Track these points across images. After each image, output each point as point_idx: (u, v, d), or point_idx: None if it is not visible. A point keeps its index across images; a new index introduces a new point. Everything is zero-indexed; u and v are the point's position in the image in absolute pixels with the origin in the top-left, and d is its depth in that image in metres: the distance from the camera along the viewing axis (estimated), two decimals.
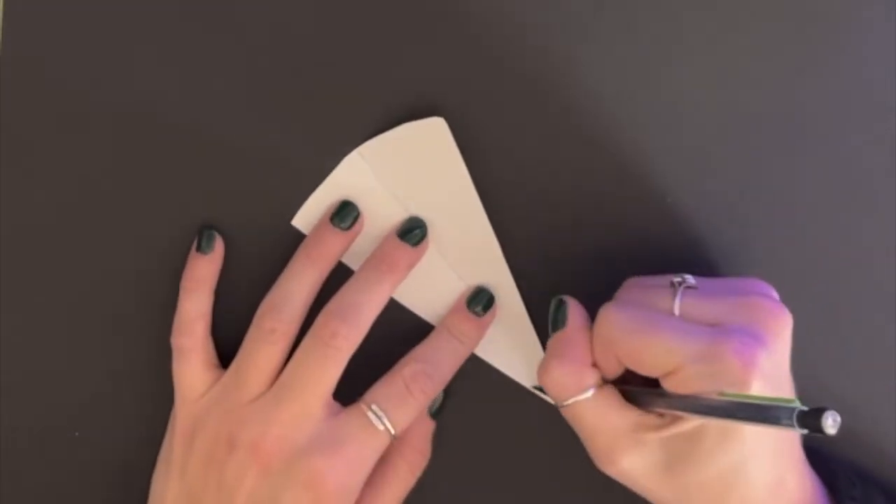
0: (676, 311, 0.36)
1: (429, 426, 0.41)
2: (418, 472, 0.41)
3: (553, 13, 0.41)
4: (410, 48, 0.41)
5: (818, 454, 0.38)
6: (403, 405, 0.38)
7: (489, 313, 0.41)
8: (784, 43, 0.41)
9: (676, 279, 0.36)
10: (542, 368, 0.38)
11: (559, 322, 0.38)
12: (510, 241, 0.41)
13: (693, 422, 0.35)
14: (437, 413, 0.41)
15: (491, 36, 0.41)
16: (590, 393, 0.37)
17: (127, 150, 0.41)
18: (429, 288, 0.41)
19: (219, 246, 0.41)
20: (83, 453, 0.42)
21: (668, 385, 0.35)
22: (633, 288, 0.38)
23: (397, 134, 0.41)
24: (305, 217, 0.41)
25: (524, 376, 0.42)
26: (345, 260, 0.41)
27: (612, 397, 0.37)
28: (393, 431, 0.38)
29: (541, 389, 0.41)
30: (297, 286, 0.39)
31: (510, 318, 0.41)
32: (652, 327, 0.35)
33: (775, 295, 0.36)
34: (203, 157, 0.41)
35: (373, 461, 0.38)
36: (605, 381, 0.37)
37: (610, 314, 0.36)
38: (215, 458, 0.38)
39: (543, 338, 0.41)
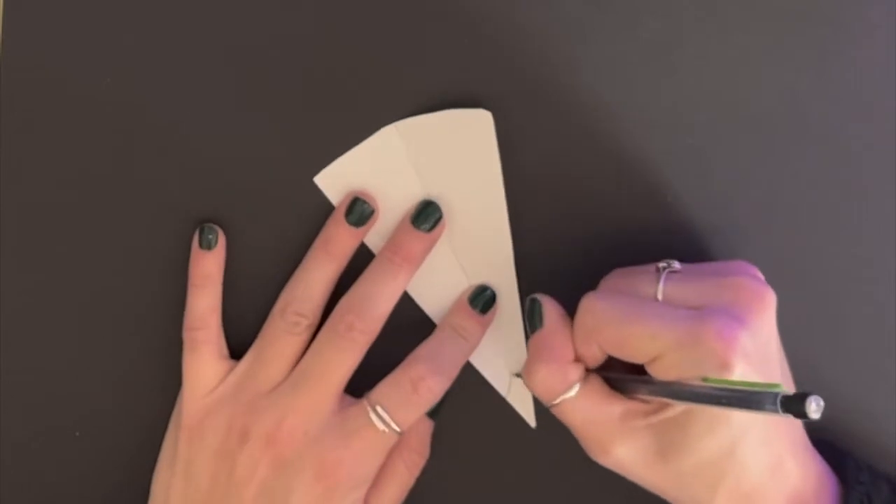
0: (659, 296, 0.35)
1: (427, 426, 0.41)
2: (417, 472, 0.41)
3: (553, 13, 0.41)
4: (411, 49, 0.41)
5: (825, 442, 0.38)
6: (409, 404, 0.38)
7: (490, 311, 0.41)
8: (784, 43, 0.41)
9: (661, 264, 0.36)
10: (527, 372, 0.37)
11: (536, 322, 0.38)
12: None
13: (680, 407, 0.34)
14: (434, 413, 0.41)
15: (489, 36, 0.41)
16: (576, 389, 0.36)
17: (127, 148, 0.41)
18: (435, 282, 0.41)
19: (221, 239, 0.41)
20: (84, 453, 0.42)
21: (653, 371, 0.35)
22: (618, 276, 0.38)
23: (440, 118, 0.40)
24: (329, 178, 0.41)
25: (504, 386, 0.41)
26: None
27: (598, 389, 0.37)
28: (399, 430, 0.38)
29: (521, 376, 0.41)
30: (317, 277, 0.40)
31: (502, 325, 0.41)
32: (633, 314, 0.35)
33: (759, 275, 0.36)
34: (204, 156, 0.41)
35: (383, 454, 0.38)
36: (588, 371, 0.37)
37: (591, 303, 0.36)
38: (226, 452, 0.38)
39: None
